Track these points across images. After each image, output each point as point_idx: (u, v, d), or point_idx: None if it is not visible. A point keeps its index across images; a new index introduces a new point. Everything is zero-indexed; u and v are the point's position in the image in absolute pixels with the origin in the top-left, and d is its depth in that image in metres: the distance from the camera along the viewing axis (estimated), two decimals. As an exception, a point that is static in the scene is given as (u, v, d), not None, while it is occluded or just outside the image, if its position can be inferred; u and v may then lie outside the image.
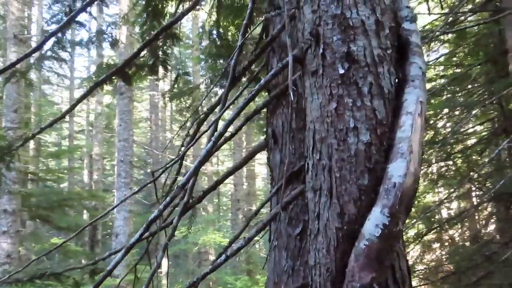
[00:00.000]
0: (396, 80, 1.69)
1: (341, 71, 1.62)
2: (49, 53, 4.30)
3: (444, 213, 10.37)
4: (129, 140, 11.57)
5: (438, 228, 6.64)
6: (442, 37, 6.15)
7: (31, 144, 14.89)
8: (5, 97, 11.03)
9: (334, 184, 1.60)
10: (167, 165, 2.07)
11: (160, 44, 4.41)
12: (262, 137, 3.09)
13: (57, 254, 13.20)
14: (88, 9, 4.00)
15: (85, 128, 20.85)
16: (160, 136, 18.32)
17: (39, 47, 3.73)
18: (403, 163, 1.49)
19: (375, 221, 1.45)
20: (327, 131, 1.64)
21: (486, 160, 6.34)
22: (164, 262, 12.16)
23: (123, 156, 11.46)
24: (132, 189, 11.27)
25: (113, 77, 4.29)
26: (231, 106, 2.33)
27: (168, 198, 1.94)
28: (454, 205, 10.27)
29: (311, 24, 1.72)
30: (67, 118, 18.80)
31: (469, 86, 6.34)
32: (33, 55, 3.85)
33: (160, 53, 4.50)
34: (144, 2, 4.66)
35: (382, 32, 1.66)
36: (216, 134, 1.82)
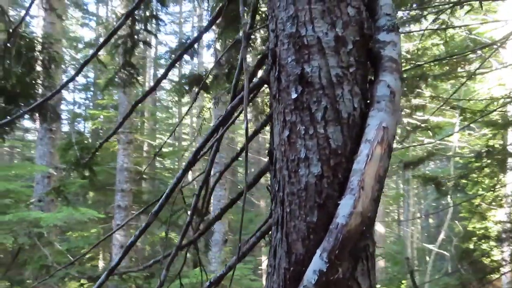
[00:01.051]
0: (362, 102, 1.48)
1: (294, 96, 1.48)
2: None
3: None
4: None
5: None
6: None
7: (145, 146, 16.52)
8: (119, 105, 12.43)
9: (285, 220, 1.47)
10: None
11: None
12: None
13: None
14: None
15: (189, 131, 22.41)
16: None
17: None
18: (350, 201, 1.30)
19: (313, 266, 1.30)
20: (281, 161, 1.51)
21: None
22: None
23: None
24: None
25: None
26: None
27: (143, 225, 1.99)
28: None
29: (271, 44, 1.60)
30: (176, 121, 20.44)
31: None
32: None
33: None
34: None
35: (343, 49, 1.47)
36: (186, 163, 1.81)
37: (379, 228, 12.93)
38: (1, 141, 5.09)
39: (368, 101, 1.49)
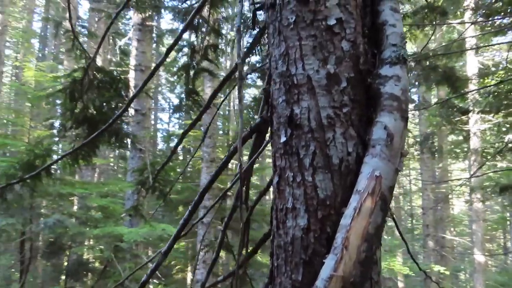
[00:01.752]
0: (360, 146, 1.32)
1: (283, 139, 1.37)
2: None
3: None
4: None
5: None
6: None
7: (230, 164, 17.01)
8: (203, 125, 13.01)
9: (273, 275, 1.35)
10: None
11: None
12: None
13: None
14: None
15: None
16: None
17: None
18: (332, 262, 1.15)
19: (290, 333, 1.16)
20: (272, 209, 1.41)
21: None
22: None
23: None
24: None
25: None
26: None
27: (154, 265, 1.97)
28: None
29: (266, 83, 1.51)
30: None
31: None
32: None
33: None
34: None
35: (336, 87, 1.33)
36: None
37: (478, 257, 11.59)
38: (86, 163, 5.59)
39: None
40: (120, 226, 7.88)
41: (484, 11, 5.75)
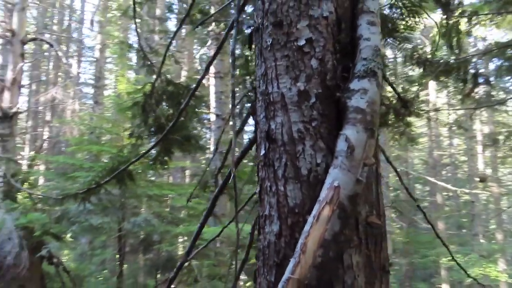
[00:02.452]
0: (330, 157, 1.41)
1: (262, 152, 1.51)
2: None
3: None
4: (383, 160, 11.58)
5: None
6: None
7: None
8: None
9: (256, 275, 1.50)
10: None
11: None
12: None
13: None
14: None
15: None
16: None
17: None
18: (290, 265, 1.27)
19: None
20: (258, 216, 1.56)
21: None
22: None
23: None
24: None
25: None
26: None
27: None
28: None
29: (254, 100, 1.66)
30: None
31: None
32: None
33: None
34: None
35: (305, 103, 1.43)
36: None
37: None
38: (162, 168, 6.14)
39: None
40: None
41: None
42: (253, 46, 1.71)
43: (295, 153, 1.42)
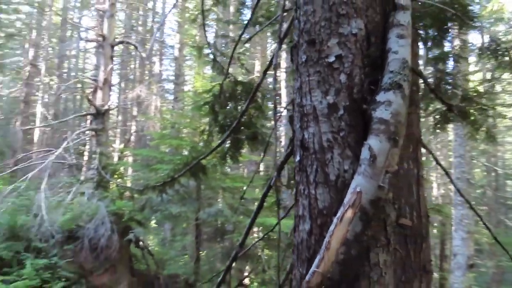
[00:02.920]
0: (357, 164, 1.54)
1: (298, 158, 1.69)
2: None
3: None
4: (465, 156, 10.95)
5: None
6: None
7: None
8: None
9: (293, 267, 1.69)
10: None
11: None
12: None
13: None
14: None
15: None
16: None
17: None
18: (316, 260, 1.44)
19: (289, 312, 1.51)
20: (295, 216, 1.74)
21: None
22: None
23: (459, 173, 10.98)
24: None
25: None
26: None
27: None
28: None
29: (292, 112, 1.84)
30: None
31: None
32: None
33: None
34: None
35: (334, 115, 1.58)
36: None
37: None
38: (233, 162, 6.50)
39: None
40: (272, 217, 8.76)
41: None
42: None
43: (325, 160, 1.57)
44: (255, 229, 10.63)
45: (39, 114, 17.89)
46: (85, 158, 13.01)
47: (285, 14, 2.27)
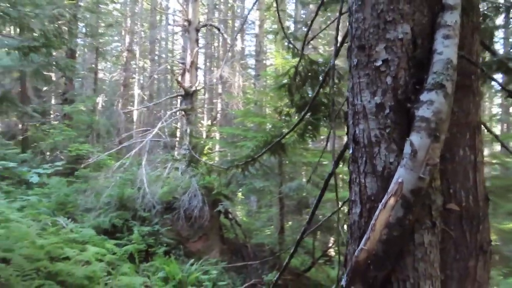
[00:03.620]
0: (401, 157, 1.75)
1: (351, 151, 1.93)
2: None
3: None
4: None
5: None
6: None
7: None
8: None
9: (348, 244, 1.97)
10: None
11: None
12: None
13: None
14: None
15: None
16: None
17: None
18: (364, 239, 1.71)
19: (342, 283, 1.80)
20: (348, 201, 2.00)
21: None
22: None
23: None
24: None
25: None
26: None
27: None
28: None
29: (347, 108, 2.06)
30: None
31: None
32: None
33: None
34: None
35: (381, 113, 1.78)
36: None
37: None
38: (311, 140, 6.76)
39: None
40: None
41: None
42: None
43: (373, 153, 1.80)
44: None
45: (136, 96, 19.66)
46: (178, 136, 14.12)
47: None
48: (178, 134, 14.26)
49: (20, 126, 15.04)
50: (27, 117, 14.43)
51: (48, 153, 12.96)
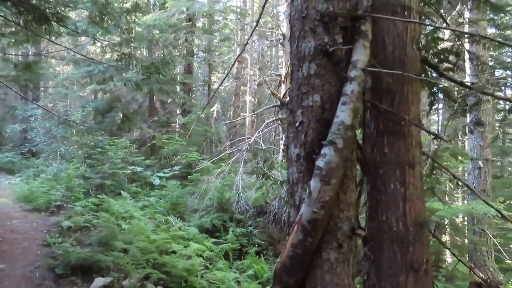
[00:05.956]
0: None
1: (287, 187, 2.58)
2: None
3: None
4: None
5: None
6: None
7: None
8: None
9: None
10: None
11: None
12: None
13: None
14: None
15: None
16: None
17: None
18: (280, 255, 2.37)
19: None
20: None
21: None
22: None
23: None
24: None
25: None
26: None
27: None
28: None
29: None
30: None
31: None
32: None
33: None
34: None
35: (299, 162, 2.42)
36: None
37: None
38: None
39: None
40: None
41: None
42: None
43: (294, 191, 2.44)
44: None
45: (248, 103, 21.34)
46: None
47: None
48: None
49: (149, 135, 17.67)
50: (153, 127, 17.06)
51: (168, 159, 15.13)
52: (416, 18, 2.69)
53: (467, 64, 7.36)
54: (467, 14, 10.12)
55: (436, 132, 2.99)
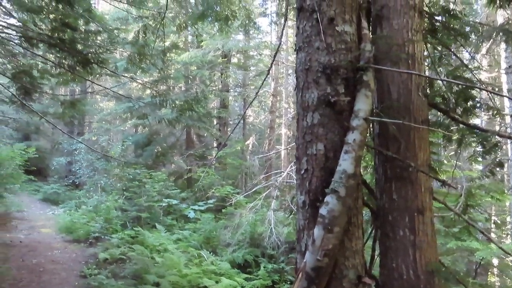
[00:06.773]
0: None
1: (296, 237, 2.63)
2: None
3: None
4: None
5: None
6: None
7: None
8: None
9: None
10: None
11: None
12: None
13: None
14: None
15: None
16: None
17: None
18: None
19: None
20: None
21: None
22: None
23: None
24: None
25: None
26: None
27: None
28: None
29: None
30: None
31: None
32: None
33: None
34: None
35: (304, 208, 2.48)
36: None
37: None
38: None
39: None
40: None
41: None
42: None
43: (300, 237, 2.48)
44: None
45: (283, 136, 21.51)
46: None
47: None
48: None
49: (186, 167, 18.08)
50: (190, 160, 17.49)
51: (203, 192, 15.38)
52: (422, 65, 2.74)
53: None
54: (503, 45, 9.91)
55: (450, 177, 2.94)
